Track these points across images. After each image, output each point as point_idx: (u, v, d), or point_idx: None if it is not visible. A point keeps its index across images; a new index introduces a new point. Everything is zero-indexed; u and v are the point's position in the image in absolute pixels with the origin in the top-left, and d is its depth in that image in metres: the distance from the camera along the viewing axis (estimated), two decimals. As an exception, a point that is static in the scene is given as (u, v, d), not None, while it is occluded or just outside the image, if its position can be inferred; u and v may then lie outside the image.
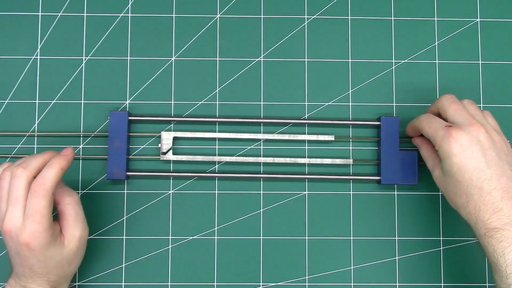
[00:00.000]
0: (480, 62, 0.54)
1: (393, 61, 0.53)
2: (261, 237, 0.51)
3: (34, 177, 0.41)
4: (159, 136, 0.52)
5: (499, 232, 0.39)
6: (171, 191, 0.52)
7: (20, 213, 0.40)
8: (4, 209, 0.41)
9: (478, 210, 0.40)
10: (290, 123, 0.52)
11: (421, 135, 0.48)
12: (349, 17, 0.54)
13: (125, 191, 0.52)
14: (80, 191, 0.51)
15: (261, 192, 0.52)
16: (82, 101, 0.52)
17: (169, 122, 0.52)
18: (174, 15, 0.53)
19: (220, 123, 0.52)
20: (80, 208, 0.44)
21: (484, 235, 0.40)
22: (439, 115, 0.45)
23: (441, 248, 0.51)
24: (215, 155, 0.52)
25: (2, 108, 0.52)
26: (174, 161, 0.52)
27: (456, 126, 0.41)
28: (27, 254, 0.41)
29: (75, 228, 0.43)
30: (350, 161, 0.52)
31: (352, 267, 0.51)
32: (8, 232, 0.40)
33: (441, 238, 0.52)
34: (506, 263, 0.39)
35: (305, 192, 0.52)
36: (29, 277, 0.42)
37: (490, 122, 0.44)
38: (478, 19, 0.54)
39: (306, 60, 0.53)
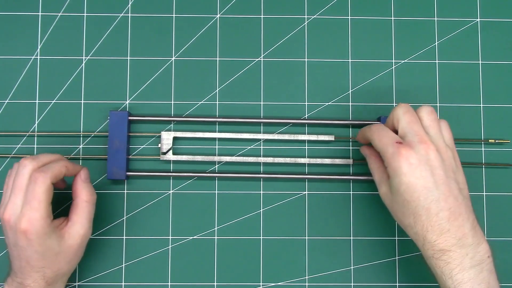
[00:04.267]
0: (480, 62, 0.54)
1: (393, 61, 0.53)
2: (261, 237, 0.51)
3: None
4: (159, 136, 0.52)
5: (446, 253, 0.39)
6: (171, 191, 0.52)
7: (20, 202, 0.41)
8: (7, 199, 0.42)
9: (425, 231, 0.39)
10: (290, 123, 0.52)
11: (371, 145, 0.47)
12: (349, 17, 0.54)
13: (125, 191, 0.52)
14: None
15: (261, 192, 0.52)
16: (82, 101, 0.52)
17: (169, 122, 0.52)
18: (174, 15, 0.53)
19: (220, 123, 0.52)
20: (93, 209, 0.45)
21: (432, 257, 0.40)
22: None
23: (441, 248, 0.51)
24: (215, 155, 0.52)
25: (2, 108, 0.52)
26: (174, 161, 0.52)
27: (406, 144, 0.40)
28: (24, 244, 0.41)
29: (81, 226, 0.44)
30: (350, 161, 0.52)
31: (352, 267, 0.51)
32: (8, 220, 0.41)
33: (441, 238, 0.51)
34: (454, 284, 0.39)
35: (305, 192, 0.52)
36: (25, 272, 0.42)
37: (444, 135, 0.43)
38: (478, 19, 0.54)
39: (306, 60, 0.53)
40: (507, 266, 0.51)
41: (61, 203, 0.51)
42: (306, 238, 0.51)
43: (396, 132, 0.43)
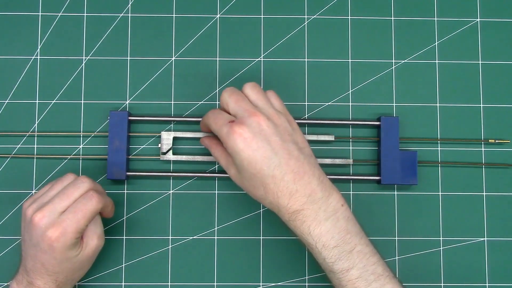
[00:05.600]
0: (480, 62, 0.53)
1: (393, 61, 0.53)
2: (261, 237, 0.51)
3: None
4: (159, 136, 0.52)
5: (300, 213, 0.40)
6: (171, 191, 0.52)
7: (61, 209, 0.41)
8: (46, 200, 0.42)
9: (277, 198, 0.40)
10: (290, 123, 0.52)
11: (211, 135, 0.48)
12: (349, 17, 0.54)
13: (125, 191, 0.52)
14: (80, 191, 0.51)
15: (261, 192, 0.52)
16: (82, 101, 0.52)
17: (169, 122, 0.52)
18: (174, 15, 0.53)
19: (220, 123, 0.52)
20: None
21: (289, 220, 0.41)
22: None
23: (441, 248, 0.51)
24: (215, 155, 0.52)
25: (2, 108, 0.52)
26: (174, 161, 0.52)
27: (238, 120, 0.41)
28: (46, 249, 0.41)
29: (98, 236, 0.44)
30: (350, 161, 0.52)
31: (352, 267, 0.51)
32: (38, 220, 0.41)
33: (441, 238, 0.52)
34: (315, 239, 0.40)
35: (305, 192, 0.52)
36: (38, 273, 0.42)
37: (274, 103, 0.43)
38: (478, 19, 0.54)
39: (306, 60, 0.53)
40: (507, 266, 0.51)
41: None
42: (306, 238, 0.51)
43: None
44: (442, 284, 0.51)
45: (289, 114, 0.44)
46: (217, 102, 0.53)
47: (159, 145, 0.51)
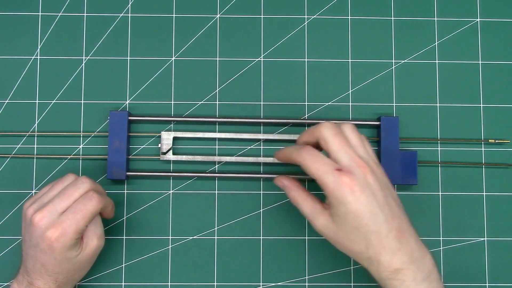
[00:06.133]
0: (480, 62, 0.53)
1: (393, 61, 0.53)
2: (261, 237, 0.51)
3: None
4: (159, 136, 0.52)
5: (400, 272, 0.39)
6: (171, 191, 0.52)
7: (61, 209, 0.41)
8: (46, 201, 0.42)
9: (379, 255, 0.39)
10: (290, 123, 0.52)
11: (287, 175, 0.46)
12: (349, 17, 0.54)
13: (125, 191, 0.52)
14: (80, 191, 0.51)
15: (261, 192, 0.52)
16: (82, 101, 0.52)
17: (169, 122, 0.52)
18: (174, 15, 0.53)
19: (220, 123, 0.52)
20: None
21: (387, 279, 0.39)
22: (317, 144, 0.42)
23: (441, 248, 0.51)
24: (215, 155, 0.52)
25: (2, 108, 0.52)
26: (174, 161, 0.52)
27: (347, 171, 0.39)
28: (46, 249, 0.41)
29: (98, 237, 0.44)
30: (350, 161, 0.52)
31: (352, 267, 0.51)
32: (38, 221, 0.41)
33: (441, 238, 0.52)
34: None
35: (305, 192, 0.52)
36: (38, 273, 0.42)
37: (368, 150, 0.42)
38: (478, 19, 0.54)
39: (306, 60, 0.53)
40: (507, 266, 0.51)
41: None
42: (306, 238, 0.51)
43: (318, 148, 0.42)
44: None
45: (380, 165, 0.42)
46: (217, 102, 0.53)
47: (159, 145, 0.51)
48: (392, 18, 0.54)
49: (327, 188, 0.39)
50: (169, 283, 0.51)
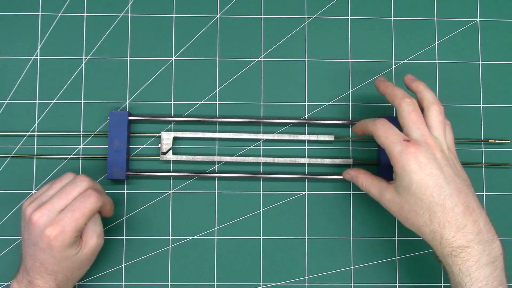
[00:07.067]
0: (480, 62, 0.54)
1: (393, 61, 0.53)
2: (261, 237, 0.51)
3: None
4: (159, 136, 0.52)
5: (465, 250, 0.38)
6: (171, 191, 0.52)
7: (59, 208, 0.41)
8: (45, 199, 0.42)
9: (442, 228, 0.39)
10: (290, 123, 0.52)
11: (353, 168, 0.48)
12: (349, 17, 0.54)
13: (125, 191, 0.52)
14: (80, 191, 0.51)
15: (261, 192, 0.52)
16: (82, 101, 0.52)
17: (169, 122, 0.52)
18: (174, 15, 0.53)
19: (220, 123, 0.52)
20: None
21: (450, 254, 0.39)
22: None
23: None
24: (215, 155, 0.52)
25: (2, 108, 0.52)
26: (174, 161, 0.52)
27: (414, 142, 0.40)
28: (45, 247, 0.41)
29: (97, 235, 0.44)
30: (350, 161, 0.52)
31: (352, 267, 0.51)
32: (37, 219, 0.41)
33: (441, 238, 0.51)
34: (472, 281, 0.38)
35: (305, 192, 0.52)
36: (37, 272, 0.42)
37: (447, 137, 0.43)
38: (478, 19, 0.54)
39: (306, 60, 0.53)
40: (507, 267, 0.51)
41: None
42: (306, 238, 0.51)
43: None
44: (442, 284, 0.51)
45: (456, 154, 0.43)
46: (217, 102, 0.53)
47: (159, 145, 0.51)
48: (392, 18, 0.54)
49: (393, 158, 0.40)
50: (169, 283, 0.51)
